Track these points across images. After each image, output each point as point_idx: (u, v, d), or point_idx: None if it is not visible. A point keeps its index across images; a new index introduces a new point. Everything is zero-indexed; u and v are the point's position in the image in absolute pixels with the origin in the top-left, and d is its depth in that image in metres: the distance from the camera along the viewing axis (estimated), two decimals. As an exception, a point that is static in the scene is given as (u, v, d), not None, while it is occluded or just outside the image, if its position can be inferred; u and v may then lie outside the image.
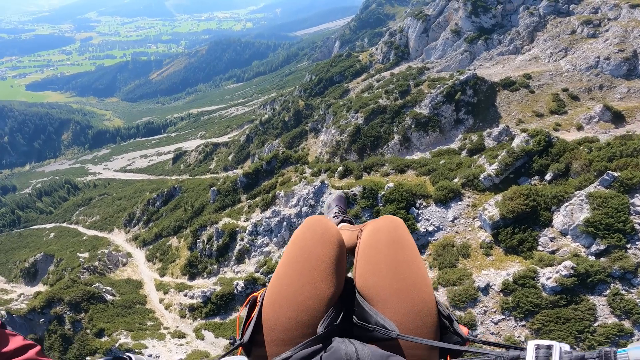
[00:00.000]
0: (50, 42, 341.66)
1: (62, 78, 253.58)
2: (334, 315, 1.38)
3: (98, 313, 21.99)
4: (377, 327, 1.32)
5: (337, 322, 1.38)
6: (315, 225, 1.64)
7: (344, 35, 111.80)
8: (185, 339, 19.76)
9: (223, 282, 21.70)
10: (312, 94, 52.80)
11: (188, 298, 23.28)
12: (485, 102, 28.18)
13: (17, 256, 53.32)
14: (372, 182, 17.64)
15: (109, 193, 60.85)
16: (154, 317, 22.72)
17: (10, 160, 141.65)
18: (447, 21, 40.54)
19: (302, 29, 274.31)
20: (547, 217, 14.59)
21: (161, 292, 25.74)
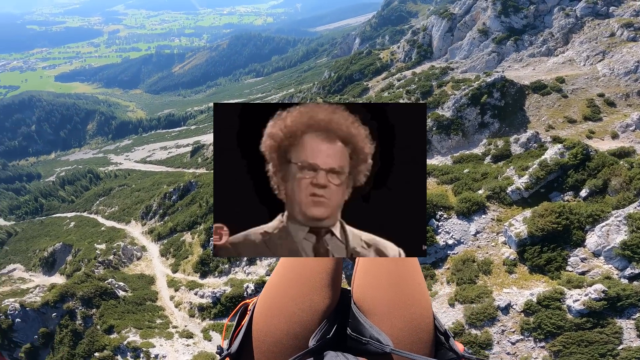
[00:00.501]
0: (79, 34, 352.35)
1: (90, 70, 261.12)
2: (326, 329, 1.36)
3: (109, 309, 22.10)
4: (372, 340, 1.31)
5: (330, 335, 1.36)
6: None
7: (365, 32, 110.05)
8: (192, 339, 19.59)
9: (234, 283, 21.39)
10: (330, 92, 51.93)
11: (198, 297, 23.13)
12: (513, 105, 26.68)
13: (37, 245, 54.93)
14: None
15: (129, 184, 61.97)
16: (163, 315, 22.71)
17: (36, 148, 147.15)
18: (474, 20, 38.80)
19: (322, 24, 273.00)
20: (579, 237, 13.50)
21: (172, 289, 25.76)
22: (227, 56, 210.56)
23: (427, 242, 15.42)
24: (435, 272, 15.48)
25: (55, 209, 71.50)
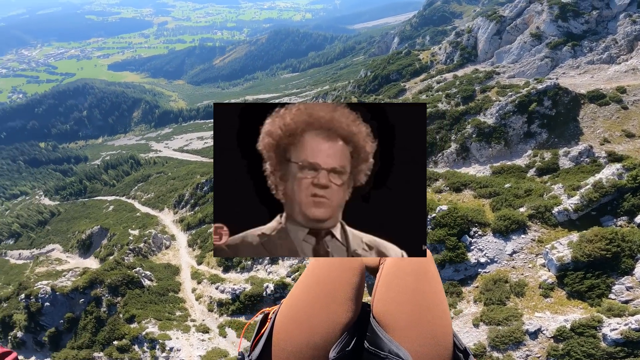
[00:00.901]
0: (132, 25, 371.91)
1: (139, 60, 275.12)
2: (347, 341, 1.37)
3: (133, 298, 22.69)
4: (391, 354, 1.31)
5: (349, 348, 1.37)
6: None
7: (404, 31, 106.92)
8: (208, 335, 19.65)
9: (254, 281, 21.23)
10: (365, 91, 50.71)
11: (218, 292, 23.26)
12: (565, 115, 24.36)
13: (77, 226, 58.15)
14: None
15: (165, 172, 64.33)
16: (183, 308, 23.05)
17: (86, 132, 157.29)
18: (526, 24, 36.08)
19: (360, 22, 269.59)
20: (628, 265, 12.11)
21: (195, 282, 26.15)
22: (265, 51, 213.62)
23: (457, 258, 14.31)
24: (462, 289, 14.39)
25: (98, 192, 75.67)
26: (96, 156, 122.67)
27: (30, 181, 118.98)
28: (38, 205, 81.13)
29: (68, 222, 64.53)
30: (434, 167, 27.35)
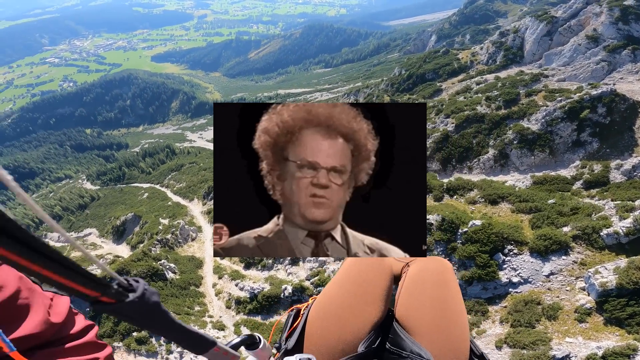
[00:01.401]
0: (174, 17, 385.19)
1: (180, 52, 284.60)
2: (373, 339, 1.45)
3: (156, 291, 23.14)
4: (413, 354, 1.37)
5: (375, 345, 1.44)
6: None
7: (443, 29, 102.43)
8: (223, 332, 19.66)
9: (273, 282, 21.01)
10: (399, 90, 49.07)
11: (238, 289, 23.28)
12: (620, 124, 22.05)
13: (113, 212, 60.70)
14: (454, 212, 14.65)
15: (197, 162, 65.97)
16: (202, 303, 23.28)
17: (128, 120, 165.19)
18: (582, 25, 33.18)
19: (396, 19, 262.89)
20: None
21: (216, 276, 26.39)
22: (299, 45, 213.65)
23: (487, 277, 13.20)
24: (488, 308, 13.31)
25: (135, 179, 79.02)
26: (136, 144, 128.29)
27: (75, 165, 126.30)
28: (79, 189, 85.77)
29: (106, 207, 67.54)
30: (469, 173, 25.83)
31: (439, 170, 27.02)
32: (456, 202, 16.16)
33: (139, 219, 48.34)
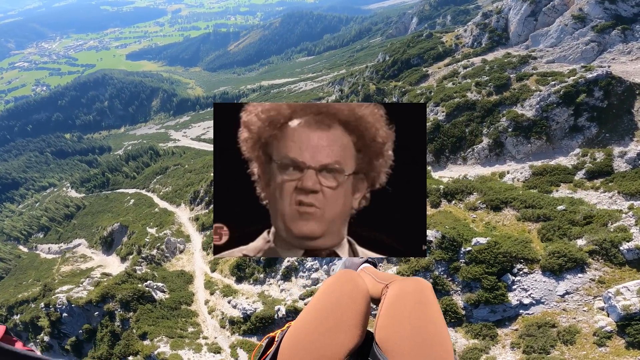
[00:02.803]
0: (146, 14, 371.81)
1: (156, 48, 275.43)
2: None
3: (145, 314, 21.83)
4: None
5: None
6: (345, 280, 1.63)
7: (423, 11, 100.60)
8: (220, 355, 18.50)
9: (266, 301, 19.81)
10: (384, 77, 47.49)
11: (231, 307, 22.06)
12: (618, 107, 21.06)
13: (101, 221, 58.96)
14: (454, 227, 13.36)
15: (182, 164, 63.94)
16: (195, 323, 22.02)
17: (108, 122, 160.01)
18: (566, 5, 31.91)
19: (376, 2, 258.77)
20: None
21: (208, 292, 25.09)
22: (280, 34, 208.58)
23: (495, 300, 12.08)
24: (497, 331, 12.17)
25: (119, 184, 76.56)
26: (119, 146, 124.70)
27: (57, 172, 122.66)
28: (65, 198, 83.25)
29: (92, 216, 65.87)
30: (463, 164, 24.77)
31: (432, 162, 25.89)
32: (455, 209, 14.95)
33: (126, 229, 46.82)
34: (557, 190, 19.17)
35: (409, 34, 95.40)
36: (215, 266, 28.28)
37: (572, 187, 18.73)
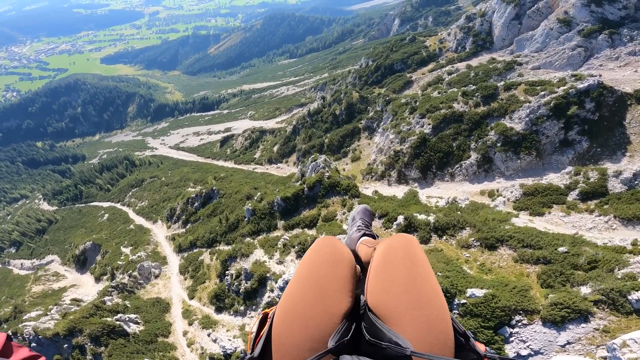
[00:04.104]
0: (122, 16, 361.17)
1: (132, 52, 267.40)
2: (344, 331, 1.38)
3: (117, 349, 19.94)
4: (391, 344, 1.31)
5: (348, 337, 1.38)
6: (325, 246, 1.66)
7: (405, 12, 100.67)
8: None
9: (245, 338, 18.19)
10: (367, 83, 46.51)
11: (211, 341, 20.32)
12: (609, 119, 20.48)
13: (73, 236, 56.01)
14: (447, 272, 12.09)
15: (159, 176, 61.21)
16: (174, 357, 20.18)
17: (82, 129, 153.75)
18: (550, 8, 31.43)
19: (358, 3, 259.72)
20: None
21: (186, 322, 23.24)
22: (261, 37, 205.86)
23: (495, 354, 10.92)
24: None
25: (93, 197, 73.06)
26: (94, 154, 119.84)
27: (29, 183, 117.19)
28: (36, 211, 79.22)
29: (65, 232, 62.95)
30: (451, 181, 23.79)
31: (419, 179, 24.83)
32: (446, 246, 13.79)
33: (99, 248, 44.34)
34: (550, 212, 18.38)
35: (391, 36, 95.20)
36: (193, 293, 26.40)
37: (565, 209, 17.95)
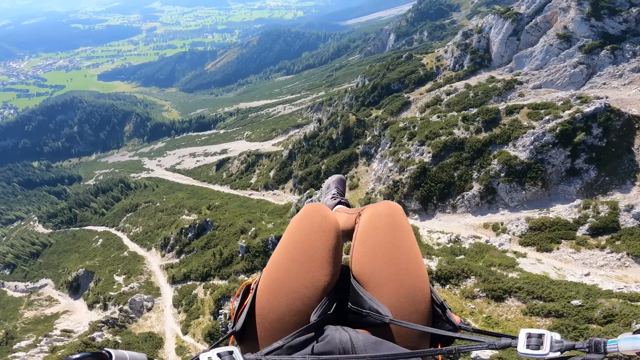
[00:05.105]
0: (120, 32, 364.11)
1: (130, 68, 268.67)
2: (327, 305, 1.36)
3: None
4: (371, 312, 1.33)
5: (331, 311, 1.37)
6: (314, 213, 1.60)
7: (400, 27, 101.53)
8: None
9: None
10: (364, 103, 46.05)
11: (203, 391, 19.04)
12: (617, 145, 19.72)
13: (67, 261, 55.05)
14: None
15: (154, 202, 60.27)
16: (164, 409, 18.90)
17: (79, 149, 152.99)
18: (549, 23, 31.01)
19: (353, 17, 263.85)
20: None
21: None
22: (258, 53, 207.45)
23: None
24: None
25: (88, 221, 72.06)
26: (90, 175, 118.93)
27: (25, 205, 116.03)
28: (31, 234, 78.34)
29: (59, 256, 62.38)
30: (452, 213, 22.82)
31: (419, 211, 23.87)
32: (450, 295, 12.82)
33: (92, 275, 43.44)
34: (559, 248, 17.46)
35: (387, 52, 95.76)
36: (187, 328, 25.22)
37: (575, 245, 17.04)
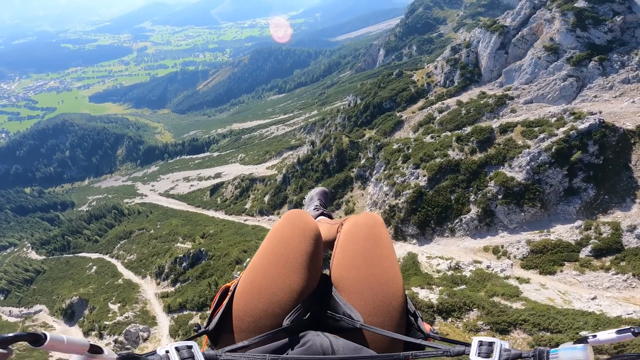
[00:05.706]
0: (110, 52, 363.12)
1: (121, 89, 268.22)
2: (302, 311, 1.37)
3: None
4: (344, 316, 1.36)
5: (305, 317, 1.37)
6: (295, 219, 1.63)
7: (389, 42, 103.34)
8: None
9: None
10: (357, 123, 46.17)
11: None
12: (614, 162, 19.70)
13: (61, 288, 54.25)
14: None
15: (147, 229, 59.37)
16: None
17: (71, 174, 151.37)
18: (535, 34, 31.41)
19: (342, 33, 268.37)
20: None
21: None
22: (249, 72, 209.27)
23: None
24: None
25: (81, 248, 71.04)
26: (83, 201, 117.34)
27: (17, 231, 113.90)
28: (24, 260, 77.20)
29: (53, 282, 61.68)
30: (451, 237, 22.44)
31: (418, 235, 23.49)
32: (452, 328, 12.37)
33: (86, 303, 42.75)
34: (562, 271, 17.16)
35: (378, 67, 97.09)
36: None
37: (579, 267, 16.75)
